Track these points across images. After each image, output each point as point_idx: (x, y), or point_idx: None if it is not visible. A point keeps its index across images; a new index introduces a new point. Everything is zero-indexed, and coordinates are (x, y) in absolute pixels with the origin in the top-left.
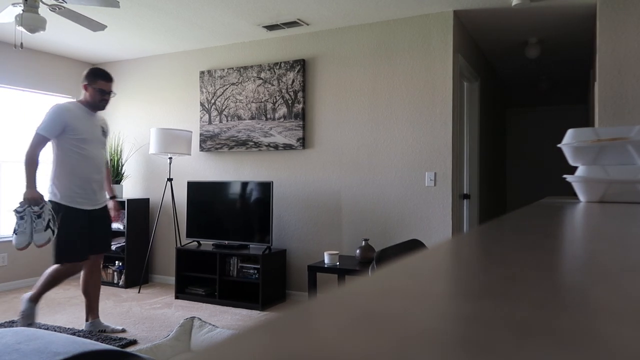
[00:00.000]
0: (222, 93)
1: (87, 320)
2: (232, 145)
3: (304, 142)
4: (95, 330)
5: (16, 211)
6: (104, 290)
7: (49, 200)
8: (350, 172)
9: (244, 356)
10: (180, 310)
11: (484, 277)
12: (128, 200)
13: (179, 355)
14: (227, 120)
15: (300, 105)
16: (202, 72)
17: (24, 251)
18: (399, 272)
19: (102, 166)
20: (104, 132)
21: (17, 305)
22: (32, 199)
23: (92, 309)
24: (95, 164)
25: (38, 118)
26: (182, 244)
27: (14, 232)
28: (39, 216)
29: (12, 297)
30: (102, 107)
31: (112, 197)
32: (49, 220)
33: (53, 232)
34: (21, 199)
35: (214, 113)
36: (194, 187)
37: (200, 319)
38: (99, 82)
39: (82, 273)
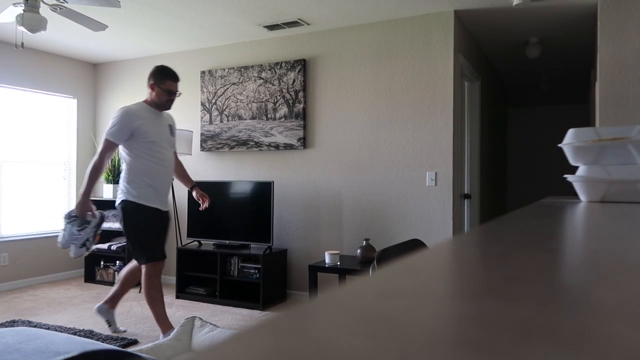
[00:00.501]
0: (223, 93)
1: (104, 303)
2: (233, 145)
3: (304, 142)
4: (104, 317)
5: (65, 217)
6: (104, 290)
7: (123, 200)
8: (351, 171)
9: (244, 356)
10: (181, 310)
11: (485, 277)
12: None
13: (179, 355)
14: (228, 120)
15: (301, 105)
16: (203, 72)
17: (25, 251)
18: (400, 272)
19: (171, 167)
20: (172, 131)
21: (18, 305)
22: (82, 212)
23: (115, 298)
24: (165, 166)
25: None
26: (183, 244)
27: (62, 240)
28: (80, 231)
29: (12, 297)
30: (168, 108)
31: (194, 186)
32: (86, 239)
33: (88, 250)
34: (74, 207)
35: (215, 113)
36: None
37: (201, 319)
38: (167, 83)
39: (130, 263)
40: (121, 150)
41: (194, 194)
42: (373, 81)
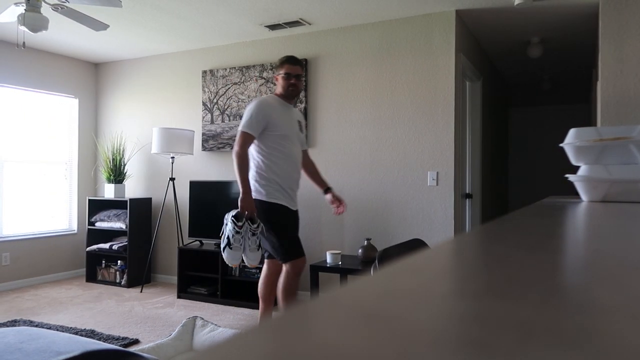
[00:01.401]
0: (225, 92)
1: None
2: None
3: (306, 142)
4: None
5: (235, 224)
6: (106, 290)
7: (254, 199)
8: (353, 171)
9: (246, 356)
10: (182, 310)
11: (486, 277)
12: (130, 199)
13: (181, 354)
14: (229, 120)
15: (303, 105)
16: (205, 72)
17: (26, 251)
18: (402, 272)
19: (300, 165)
20: (301, 128)
21: (19, 304)
22: (250, 210)
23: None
24: (295, 163)
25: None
26: (185, 244)
27: (227, 245)
28: (254, 234)
29: (14, 297)
30: (294, 94)
31: (328, 189)
32: (260, 239)
33: (263, 251)
34: (238, 209)
35: (216, 112)
36: (196, 187)
37: (202, 319)
38: (284, 67)
39: (280, 281)
40: (251, 145)
41: (327, 197)
42: (374, 81)
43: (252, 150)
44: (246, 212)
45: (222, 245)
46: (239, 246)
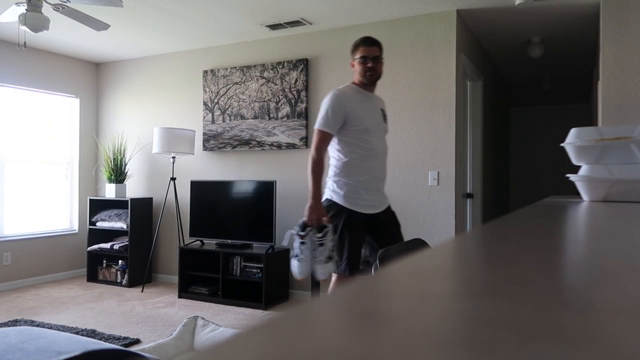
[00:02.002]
0: (225, 92)
1: None
2: (235, 145)
3: (307, 142)
4: None
5: (298, 234)
6: (107, 290)
7: (327, 199)
8: None
9: (247, 356)
10: (183, 310)
11: (487, 277)
12: (131, 199)
13: (182, 354)
14: (230, 120)
15: (304, 105)
16: (205, 72)
17: (27, 251)
18: (402, 272)
19: (385, 160)
20: (385, 117)
21: (20, 304)
22: (317, 218)
23: None
24: (380, 159)
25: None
26: (185, 243)
27: (294, 256)
28: (322, 244)
29: (15, 297)
30: (373, 79)
31: None
32: (330, 249)
33: (334, 262)
34: (304, 217)
35: (217, 112)
36: (197, 187)
37: (203, 318)
38: (359, 49)
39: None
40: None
41: None
42: None
43: (330, 148)
44: (313, 222)
45: (290, 255)
46: (304, 258)
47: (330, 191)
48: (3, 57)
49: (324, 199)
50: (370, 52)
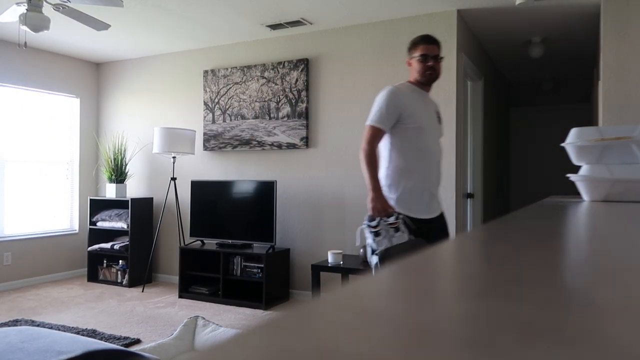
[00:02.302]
0: (226, 92)
1: None
2: (236, 145)
3: (307, 142)
4: None
5: (369, 226)
6: (107, 289)
7: None
8: (354, 171)
9: (247, 356)
10: (183, 310)
11: (487, 277)
12: (132, 199)
13: (182, 354)
14: (231, 120)
15: (304, 105)
16: (206, 72)
17: (28, 250)
18: (403, 272)
19: (440, 162)
20: (439, 119)
21: (21, 304)
22: (382, 209)
23: None
24: (434, 160)
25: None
26: (186, 243)
27: (372, 252)
28: (397, 229)
29: (15, 297)
30: (432, 79)
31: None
32: (407, 232)
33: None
34: (369, 211)
35: (218, 112)
36: (197, 187)
37: (203, 318)
38: (419, 48)
39: None
40: (380, 141)
41: None
42: (376, 80)
43: (381, 147)
44: (379, 213)
45: (368, 259)
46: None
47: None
48: (3, 57)
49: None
50: (430, 50)
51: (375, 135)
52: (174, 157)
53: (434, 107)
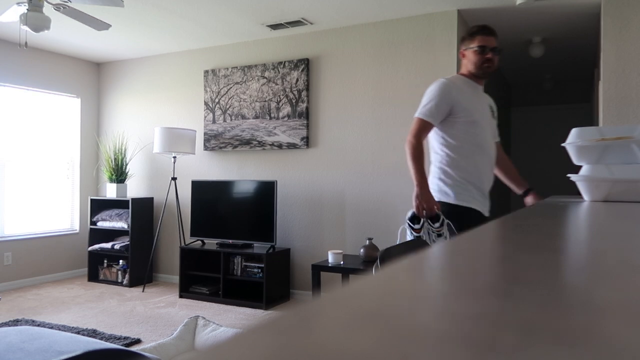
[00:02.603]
0: (226, 92)
1: None
2: (236, 145)
3: (307, 141)
4: None
5: (411, 227)
6: (108, 289)
7: (438, 202)
8: (354, 171)
9: (247, 356)
10: (184, 309)
11: (488, 277)
12: (132, 199)
13: (182, 354)
14: (231, 120)
15: (304, 105)
16: (206, 71)
17: (28, 250)
18: (403, 272)
19: (494, 160)
20: (493, 114)
21: (21, 304)
22: (429, 207)
23: None
24: (488, 156)
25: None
26: (186, 243)
27: None
28: (440, 235)
29: (16, 296)
30: (488, 72)
31: (529, 190)
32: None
33: None
34: (413, 208)
35: (218, 112)
36: (198, 186)
37: (204, 318)
38: (476, 39)
39: None
40: (431, 136)
41: (527, 200)
42: (376, 80)
43: (433, 142)
44: (424, 211)
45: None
46: None
47: (436, 192)
48: (4, 57)
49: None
50: (489, 42)
51: (423, 129)
52: (174, 157)
53: (487, 101)
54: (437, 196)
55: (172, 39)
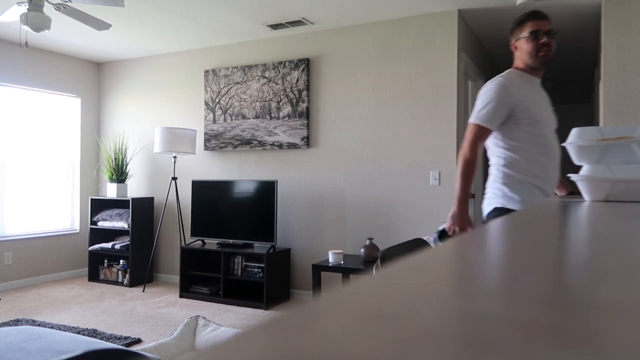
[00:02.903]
0: (227, 92)
1: None
2: (237, 144)
3: (308, 141)
4: None
5: (436, 244)
6: (108, 289)
7: (498, 208)
8: (355, 171)
9: (248, 355)
10: (184, 309)
11: (488, 277)
12: (132, 199)
13: (183, 354)
14: (232, 119)
15: (305, 104)
16: (207, 71)
17: (29, 250)
18: (404, 272)
19: (558, 160)
20: (551, 108)
21: (22, 304)
22: (460, 228)
23: None
24: (554, 158)
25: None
26: (187, 243)
27: None
28: None
29: (16, 296)
30: (546, 61)
31: (571, 194)
32: None
33: None
34: (446, 224)
35: (219, 112)
36: (198, 186)
37: (204, 318)
38: (527, 25)
39: None
40: (490, 139)
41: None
42: (377, 80)
43: (494, 147)
44: (456, 231)
45: None
46: None
47: (500, 197)
48: (4, 57)
49: (490, 208)
50: (541, 25)
51: (480, 136)
52: (174, 157)
53: (545, 95)
54: (500, 202)
55: (173, 39)
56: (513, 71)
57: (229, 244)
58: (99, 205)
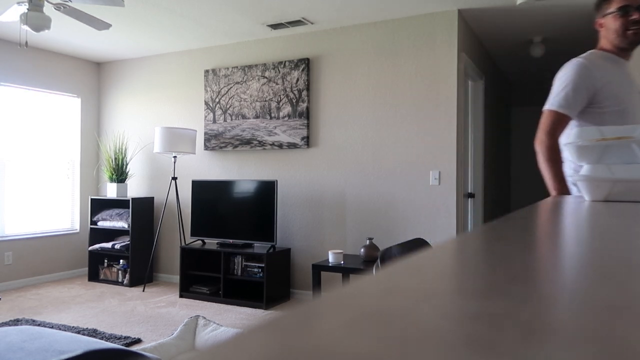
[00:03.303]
0: (227, 92)
1: None
2: (237, 144)
3: (308, 141)
4: None
5: None
6: (108, 289)
7: None
8: (355, 171)
9: (248, 355)
10: (184, 309)
11: (488, 276)
12: (132, 199)
13: (183, 354)
14: (232, 119)
15: (305, 104)
16: (207, 71)
17: (28, 250)
18: (404, 271)
19: None
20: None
21: (22, 304)
22: None
23: None
24: None
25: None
26: (187, 243)
27: None
28: None
29: (16, 296)
30: (637, 39)
31: None
32: None
33: None
34: None
35: (219, 112)
36: (198, 186)
37: (204, 318)
38: (614, 0)
39: None
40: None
41: None
42: (377, 80)
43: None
44: None
45: None
46: None
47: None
48: (4, 57)
49: None
50: (633, 0)
51: (558, 123)
52: (174, 157)
53: (634, 81)
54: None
55: (173, 39)
56: (596, 52)
57: (229, 243)
58: (99, 205)
